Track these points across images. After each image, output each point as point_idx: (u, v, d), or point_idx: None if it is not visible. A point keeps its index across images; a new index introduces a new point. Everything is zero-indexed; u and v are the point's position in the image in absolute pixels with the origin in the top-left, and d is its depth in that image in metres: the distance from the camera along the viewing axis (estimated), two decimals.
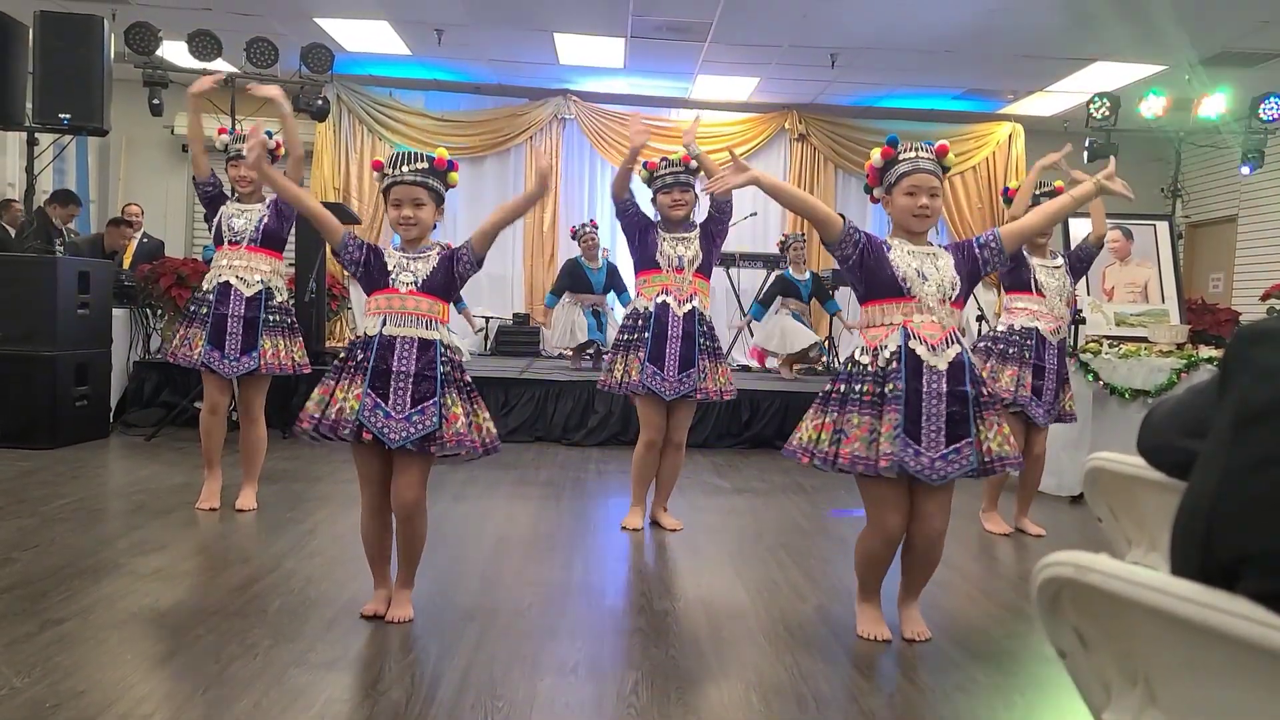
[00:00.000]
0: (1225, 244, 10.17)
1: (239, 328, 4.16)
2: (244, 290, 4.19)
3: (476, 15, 7.77)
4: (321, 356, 6.91)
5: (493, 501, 4.75)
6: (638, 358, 4.07)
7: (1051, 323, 4.33)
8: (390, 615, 2.94)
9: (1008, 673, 2.81)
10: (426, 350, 2.83)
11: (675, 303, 4.08)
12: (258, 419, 4.34)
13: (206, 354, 4.13)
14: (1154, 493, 1.61)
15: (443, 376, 2.82)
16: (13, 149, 8.81)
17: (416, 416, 2.77)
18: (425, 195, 2.88)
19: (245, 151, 3.38)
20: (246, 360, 4.17)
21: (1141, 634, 1.14)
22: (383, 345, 2.82)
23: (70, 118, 5.83)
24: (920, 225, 2.89)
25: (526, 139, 10.30)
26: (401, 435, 2.76)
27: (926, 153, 2.91)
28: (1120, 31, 7.16)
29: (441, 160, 2.91)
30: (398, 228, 2.90)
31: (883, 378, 2.78)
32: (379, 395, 2.78)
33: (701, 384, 4.08)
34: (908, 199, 2.87)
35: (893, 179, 2.91)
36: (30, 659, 2.50)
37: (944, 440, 2.75)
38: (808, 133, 10.42)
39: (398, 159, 2.89)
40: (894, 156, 2.92)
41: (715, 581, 3.60)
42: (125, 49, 7.13)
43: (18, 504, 4.25)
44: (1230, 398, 1.16)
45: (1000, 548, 4.36)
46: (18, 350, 5.61)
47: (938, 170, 2.91)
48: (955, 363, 2.79)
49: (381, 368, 2.80)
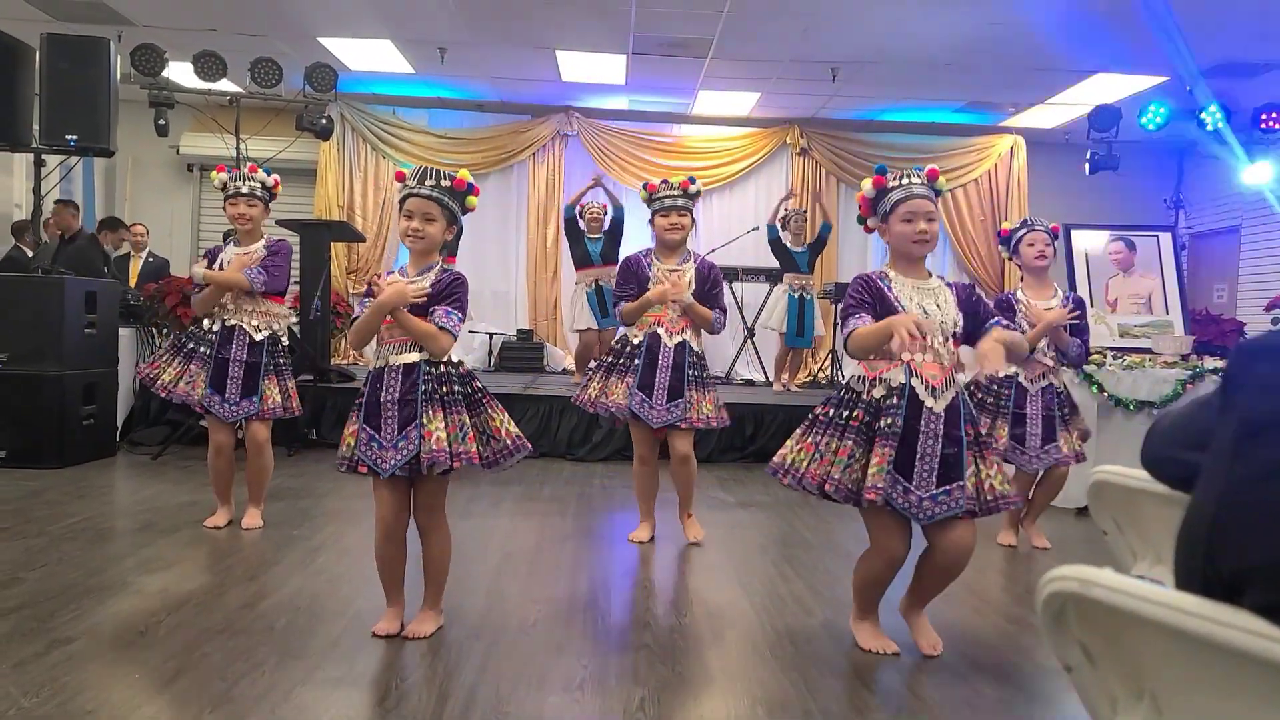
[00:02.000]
0: (1229, 255, 10.18)
1: (240, 372, 4.17)
2: (253, 335, 4.20)
3: (479, 33, 7.82)
4: (326, 374, 6.94)
5: (497, 518, 4.76)
6: (624, 382, 4.10)
7: (1035, 369, 4.24)
8: (408, 630, 2.95)
9: (1015, 687, 2.81)
10: (410, 374, 2.85)
11: (666, 334, 4.11)
12: (264, 449, 4.32)
13: (207, 397, 4.15)
14: (1159, 505, 1.61)
15: (423, 396, 2.83)
16: (20, 170, 8.88)
17: (402, 443, 2.81)
18: (438, 211, 2.89)
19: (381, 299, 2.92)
20: (246, 405, 4.18)
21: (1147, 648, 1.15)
22: (375, 378, 2.88)
23: (77, 138, 5.88)
24: (920, 251, 2.89)
25: (529, 155, 10.35)
26: (390, 463, 2.81)
27: (918, 178, 2.90)
28: (1120, 43, 7.19)
29: (461, 181, 2.93)
30: (405, 239, 2.92)
31: (877, 410, 2.79)
32: (372, 427, 2.85)
33: (687, 414, 4.10)
34: (905, 225, 2.86)
35: (887, 207, 2.90)
36: (38, 679, 2.51)
37: (935, 480, 2.75)
38: (810, 147, 10.45)
39: (420, 173, 2.91)
40: (885, 185, 2.91)
41: (720, 596, 3.60)
42: (131, 70, 7.20)
43: (25, 523, 4.26)
44: (1232, 412, 1.17)
45: (1007, 560, 4.36)
46: (26, 370, 5.64)
47: (931, 194, 2.89)
48: (952, 405, 2.79)
49: (374, 400, 2.86)
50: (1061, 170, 9.98)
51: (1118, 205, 9.34)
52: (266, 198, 4.28)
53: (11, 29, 6.08)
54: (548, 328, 10.28)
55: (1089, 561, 1.21)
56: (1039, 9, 6.68)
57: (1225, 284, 10.25)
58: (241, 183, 4.22)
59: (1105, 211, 8.96)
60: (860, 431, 2.79)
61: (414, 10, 7.28)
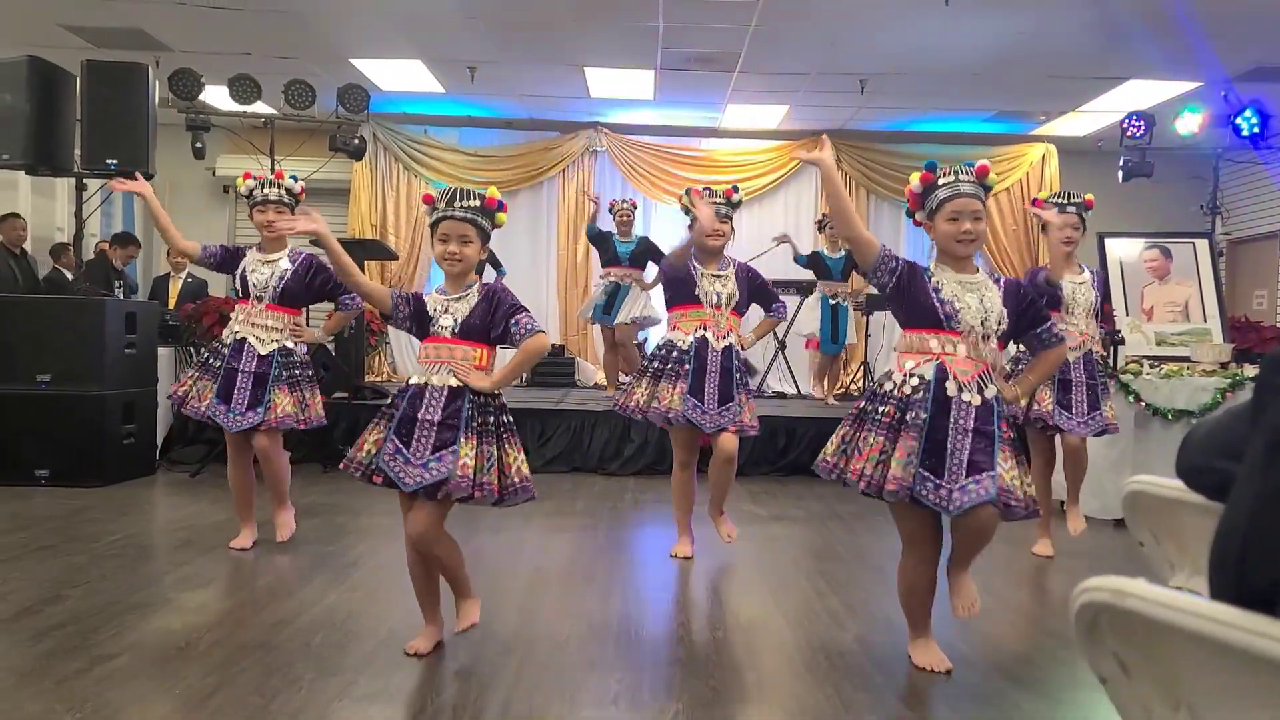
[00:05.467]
0: (1269, 260, 10.01)
1: (248, 383, 4.12)
2: (259, 349, 4.17)
3: (508, 52, 7.89)
4: (360, 391, 7.01)
5: (529, 533, 4.77)
6: (675, 388, 4.08)
7: (1073, 338, 4.28)
8: (460, 625, 2.98)
9: (1053, 701, 2.77)
10: (455, 399, 2.83)
11: (714, 338, 4.10)
12: (272, 456, 4.26)
13: (213, 407, 4.12)
14: (1196, 515, 1.58)
15: (465, 423, 2.82)
16: (62, 194, 9.06)
17: (434, 464, 2.78)
18: (473, 233, 2.89)
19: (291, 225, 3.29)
20: (251, 415, 4.11)
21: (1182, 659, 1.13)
22: (415, 394, 2.86)
23: (117, 163, 5.98)
24: (964, 250, 2.85)
25: (559, 172, 10.41)
26: (415, 480, 2.78)
27: (967, 175, 2.86)
28: (1152, 50, 7.12)
29: (492, 200, 2.92)
30: (442, 263, 2.91)
31: (906, 405, 2.76)
32: (402, 441, 2.82)
33: (738, 417, 4.09)
34: (950, 225, 2.83)
35: (934, 204, 2.86)
36: (82, 694, 2.55)
37: (965, 472, 2.70)
38: (839, 159, 10.39)
39: (450, 195, 2.89)
40: (933, 181, 2.87)
41: (754, 610, 3.58)
42: (169, 95, 7.33)
43: (68, 541, 4.33)
44: (1264, 423, 1.15)
45: (1044, 573, 4.31)
46: (67, 390, 5.74)
47: (979, 193, 2.85)
48: (985, 402, 2.76)
49: (410, 414, 2.83)
50: (1094, 178, 9.82)
51: (1152, 212, 9.21)
52: (293, 204, 4.26)
53: (53, 57, 6.22)
54: (578, 343, 10.30)
55: (1126, 573, 1.20)
56: (1068, 17, 6.63)
57: (1265, 290, 10.08)
58: (270, 189, 4.20)
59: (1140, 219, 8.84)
60: (891, 427, 2.76)
61: (444, 30, 7.37)
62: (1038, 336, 2.95)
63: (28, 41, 7.01)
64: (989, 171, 2.91)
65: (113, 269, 8.12)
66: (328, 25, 7.34)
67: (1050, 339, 2.96)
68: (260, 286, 4.21)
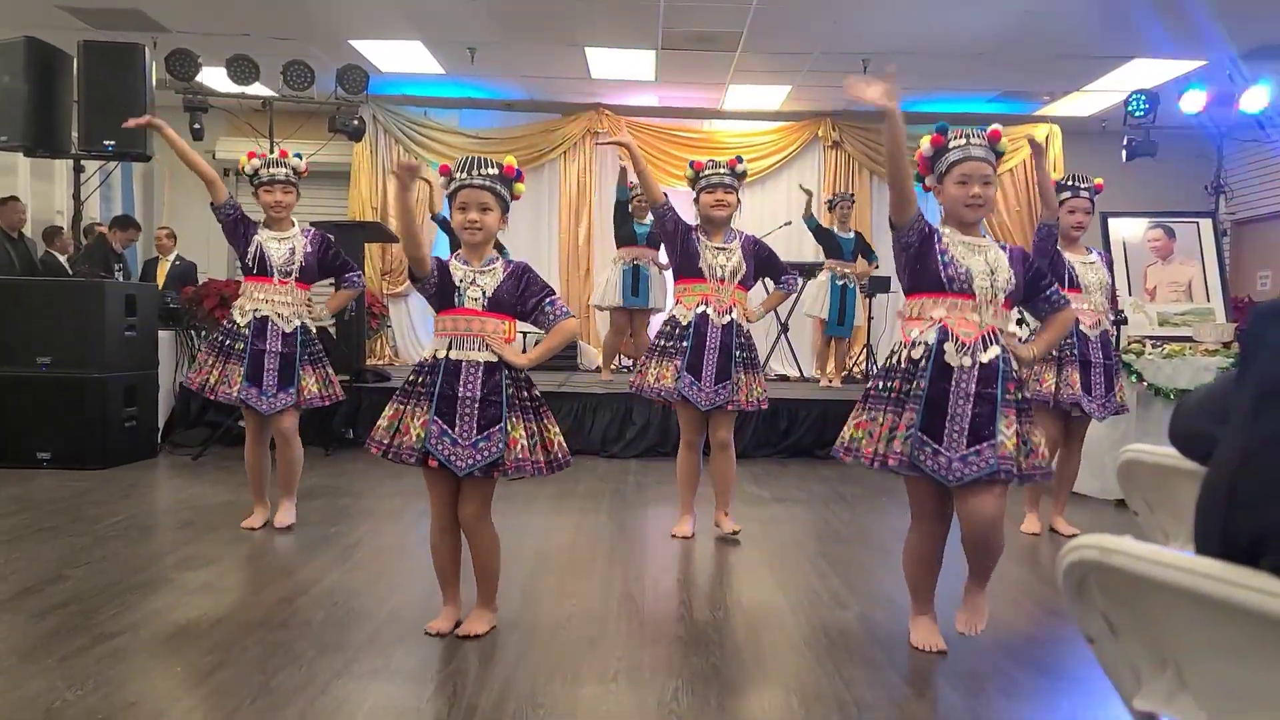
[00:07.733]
0: (1273, 241, 9.97)
1: (276, 364, 4.12)
2: (283, 326, 4.16)
3: (508, 32, 7.85)
4: (362, 375, 7.00)
5: (532, 515, 4.77)
6: (673, 365, 4.08)
7: (1090, 317, 4.30)
8: (462, 629, 2.93)
9: (1052, 676, 2.78)
10: (492, 374, 2.80)
11: (715, 313, 4.07)
12: (292, 440, 4.28)
13: (245, 390, 4.10)
14: (1190, 483, 1.57)
15: (508, 400, 2.80)
16: (61, 178, 9.04)
17: (483, 443, 2.75)
18: (492, 201, 2.84)
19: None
20: (284, 396, 4.14)
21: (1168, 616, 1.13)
22: (448, 370, 2.80)
23: (114, 144, 5.96)
24: (972, 215, 2.83)
25: (560, 154, 10.37)
26: (468, 462, 2.75)
27: (978, 139, 2.83)
28: (1156, 28, 7.07)
29: (510, 168, 2.89)
30: (462, 232, 2.86)
31: (912, 375, 2.75)
32: (445, 421, 2.77)
33: (735, 395, 4.08)
34: (959, 188, 2.81)
35: (943, 168, 2.84)
36: (84, 672, 2.56)
37: (965, 440, 2.68)
38: (841, 140, 10.38)
39: (468, 163, 2.85)
40: (944, 144, 2.85)
41: (755, 590, 3.59)
42: (166, 75, 7.30)
43: (71, 523, 4.35)
44: (1250, 376, 1.15)
45: (1040, 550, 4.31)
46: (68, 373, 5.74)
47: (990, 157, 2.83)
48: (990, 364, 2.73)
49: (448, 393, 2.78)
50: (1098, 158, 9.78)
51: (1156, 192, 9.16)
52: (298, 182, 4.27)
53: (50, 37, 6.18)
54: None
55: None
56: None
57: (1269, 270, 10.05)
58: (276, 168, 4.17)
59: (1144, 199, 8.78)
60: (898, 401, 2.75)
61: (443, 11, 7.32)
62: (1047, 299, 2.95)
63: (25, 22, 6.97)
64: (1001, 136, 2.88)
65: (112, 252, 8.11)
66: (326, 5, 7.30)
67: (1059, 300, 2.96)
68: (279, 264, 4.18)
